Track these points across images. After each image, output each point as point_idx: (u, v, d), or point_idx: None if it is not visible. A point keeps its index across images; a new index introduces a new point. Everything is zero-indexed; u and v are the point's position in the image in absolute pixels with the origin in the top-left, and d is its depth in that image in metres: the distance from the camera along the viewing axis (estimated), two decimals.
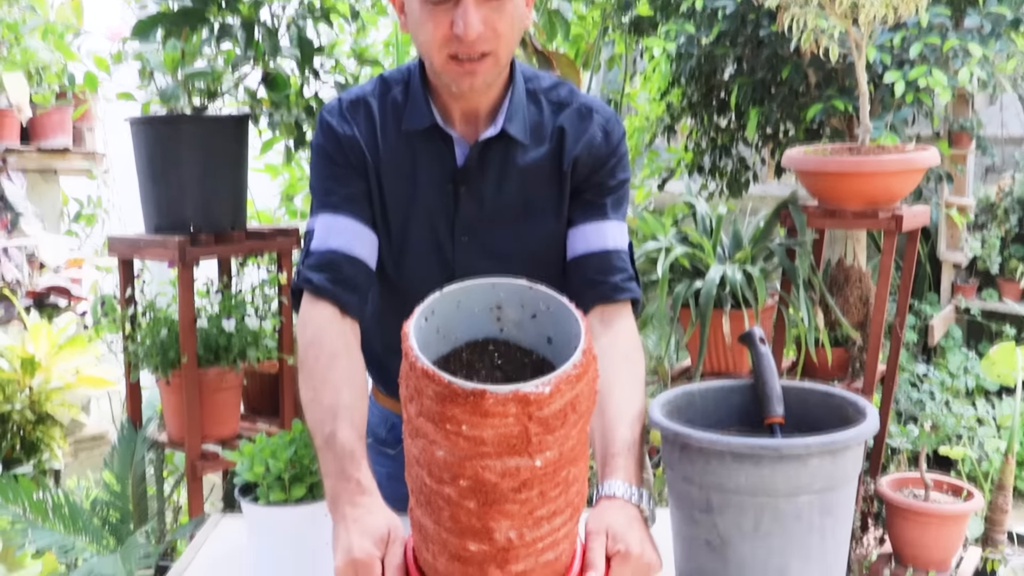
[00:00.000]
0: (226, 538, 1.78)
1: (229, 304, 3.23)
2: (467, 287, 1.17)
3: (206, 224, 3.13)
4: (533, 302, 1.18)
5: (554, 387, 1.03)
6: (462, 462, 1.04)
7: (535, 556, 1.12)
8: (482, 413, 1.01)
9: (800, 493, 1.33)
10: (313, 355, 1.49)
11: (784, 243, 3.30)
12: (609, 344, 1.59)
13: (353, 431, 1.39)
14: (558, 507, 1.11)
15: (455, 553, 1.11)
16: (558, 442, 1.06)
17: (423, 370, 1.03)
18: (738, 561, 1.36)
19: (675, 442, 1.40)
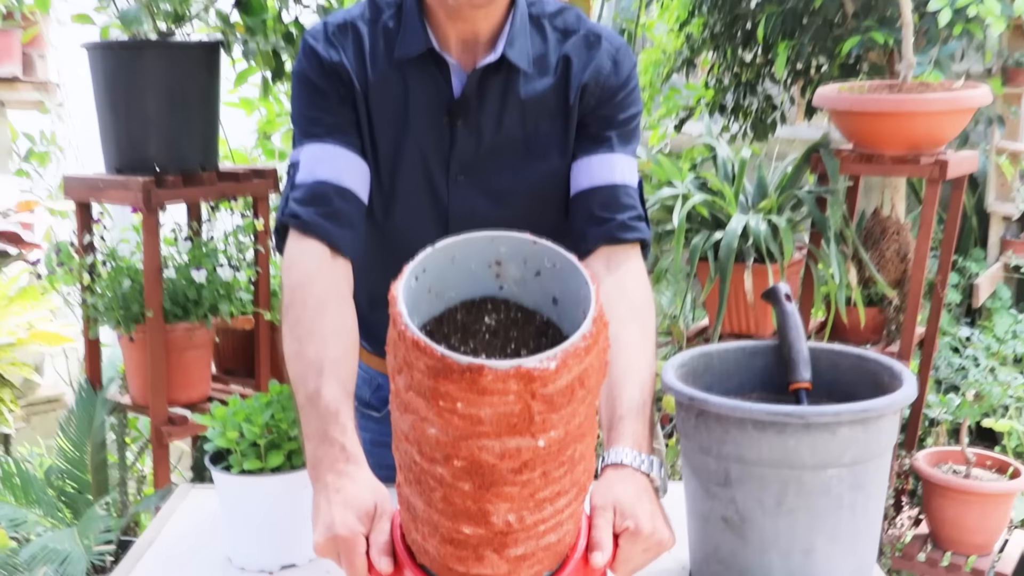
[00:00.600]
0: (195, 511, 1.80)
1: (199, 253, 3.23)
2: (463, 240, 1.16)
3: (173, 164, 3.12)
4: (537, 258, 1.16)
5: (560, 362, 1.02)
6: (456, 442, 1.04)
7: (536, 539, 1.12)
8: (479, 390, 1.00)
9: (828, 466, 1.34)
10: (299, 300, 1.48)
11: (814, 191, 3.30)
12: (615, 289, 1.58)
13: (340, 389, 1.38)
14: (562, 488, 1.11)
15: (448, 536, 1.11)
16: (564, 420, 1.05)
17: (413, 340, 1.03)
18: (759, 540, 1.38)
19: (690, 408, 1.41)
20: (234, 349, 3.69)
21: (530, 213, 1.69)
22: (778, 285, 1.59)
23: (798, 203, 3.40)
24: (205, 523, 1.73)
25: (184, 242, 3.25)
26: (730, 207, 3.32)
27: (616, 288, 1.58)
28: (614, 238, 1.64)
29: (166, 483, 3.22)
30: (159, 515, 1.78)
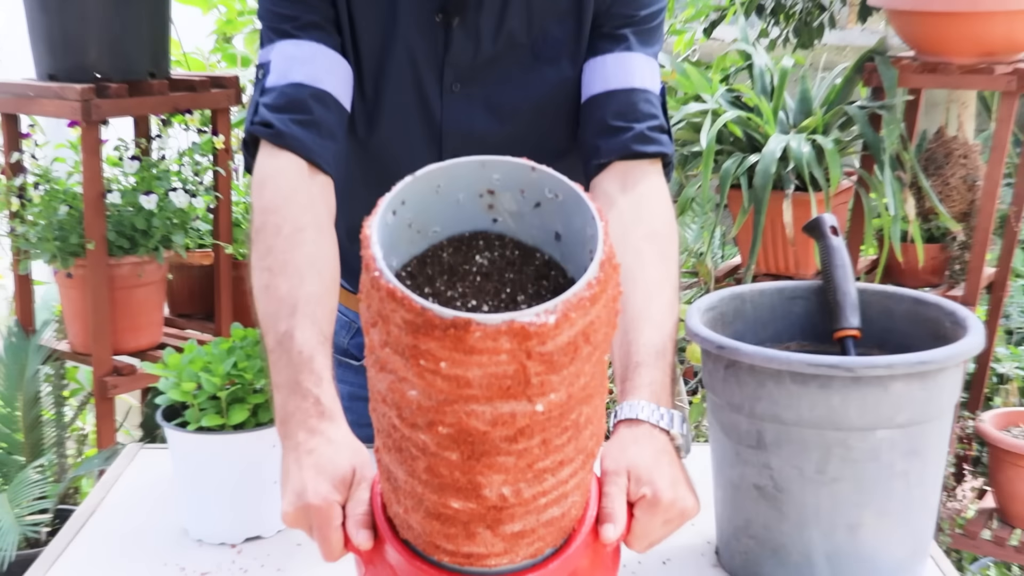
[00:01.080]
0: (145, 475, 1.81)
1: (148, 175, 3.23)
2: (449, 167, 1.13)
3: (117, 70, 3.11)
4: (536, 188, 1.14)
5: (561, 315, 1.00)
6: (441, 406, 1.03)
7: (536, 514, 1.12)
8: (466, 349, 0.99)
9: (878, 427, 1.35)
10: (271, 225, 1.47)
11: (867, 107, 3.29)
12: (630, 212, 1.57)
13: (316, 332, 1.37)
14: (566, 456, 1.10)
15: (433, 511, 1.11)
16: (566, 381, 1.04)
17: (389, 289, 1.01)
18: (797, 512, 1.39)
19: (719, 359, 1.42)
20: (190, 288, 3.70)
21: (536, 131, 1.69)
22: (823, 216, 1.59)
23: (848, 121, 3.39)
24: (157, 489, 1.75)
25: (130, 162, 3.24)
26: (768, 126, 3.31)
27: (632, 211, 1.57)
28: (631, 151, 1.63)
29: (111, 443, 3.25)
30: (103, 480, 1.79)
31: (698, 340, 1.43)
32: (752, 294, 1.59)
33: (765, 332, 1.59)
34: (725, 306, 1.57)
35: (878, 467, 1.37)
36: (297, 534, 1.59)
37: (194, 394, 1.54)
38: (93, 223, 3.05)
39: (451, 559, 1.14)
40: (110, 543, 1.60)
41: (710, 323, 1.51)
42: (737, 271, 3.61)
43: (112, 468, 1.83)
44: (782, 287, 1.61)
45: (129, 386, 3.25)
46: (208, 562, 1.53)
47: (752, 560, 1.45)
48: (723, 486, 1.48)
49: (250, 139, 1.60)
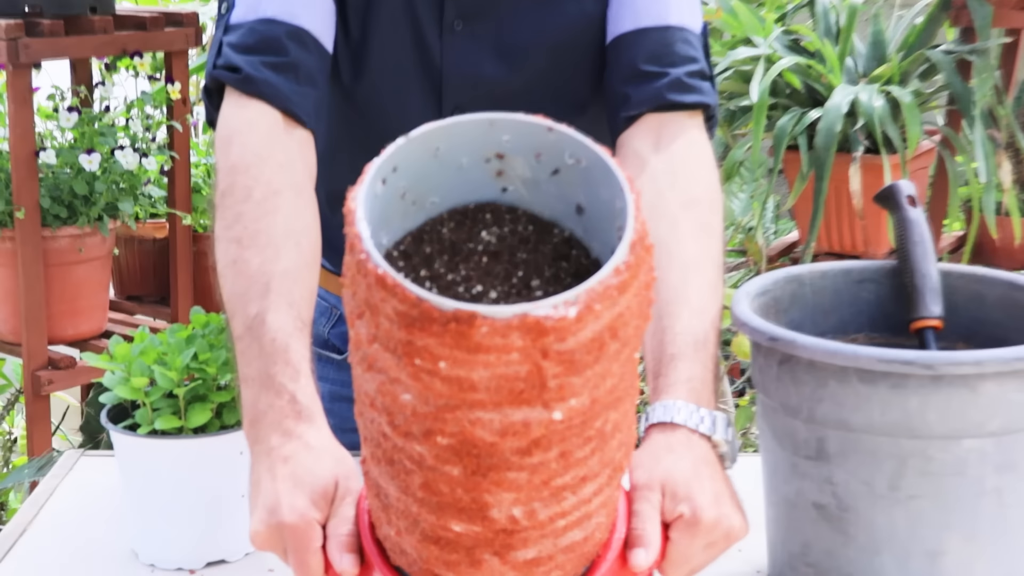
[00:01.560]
0: (87, 487, 1.82)
1: (90, 130, 3.23)
2: (449, 126, 1.12)
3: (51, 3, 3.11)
4: (555, 151, 1.13)
5: (584, 307, 0.99)
6: (440, 413, 1.02)
7: (553, 538, 1.12)
8: (470, 347, 0.98)
9: (965, 436, 1.35)
10: (241, 188, 1.46)
11: (954, 52, 3.28)
12: (665, 175, 1.56)
13: (293, 316, 1.36)
14: (589, 471, 1.10)
15: (431, 534, 1.11)
16: (589, 384, 1.04)
17: (378, 276, 1.00)
18: (866, 536, 1.40)
19: (772, 353, 1.42)
20: (141, 266, 3.71)
21: (553, 78, 1.69)
22: (899, 183, 1.59)
23: (930, 69, 3.38)
24: (100, 504, 1.75)
25: (68, 114, 3.25)
26: (832, 75, 3.30)
27: (667, 173, 1.56)
28: (665, 101, 1.62)
29: (45, 449, 3.26)
30: (36, 493, 1.80)
31: (747, 330, 1.43)
32: (812, 276, 1.60)
33: (827, 322, 1.59)
34: (779, 290, 1.57)
35: (964, 483, 1.37)
36: (268, 558, 1.59)
37: (146, 391, 1.54)
38: (23, 187, 3.06)
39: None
40: (44, 568, 1.61)
41: (761, 310, 1.52)
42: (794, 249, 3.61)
43: (47, 479, 1.84)
44: (848, 268, 1.61)
45: (67, 382, 3.26)
46: None
47: None
48: (776, 504, 1.49)
49: (213, 86, 1.60)
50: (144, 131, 3.36)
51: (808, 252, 3.24)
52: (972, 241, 3.32)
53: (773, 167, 3.32)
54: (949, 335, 1.55)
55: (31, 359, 3.17)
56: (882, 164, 3.17)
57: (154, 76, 3.46)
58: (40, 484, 1.83)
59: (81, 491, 1.80)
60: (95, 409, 3.54)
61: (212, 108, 1.60)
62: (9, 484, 3.38)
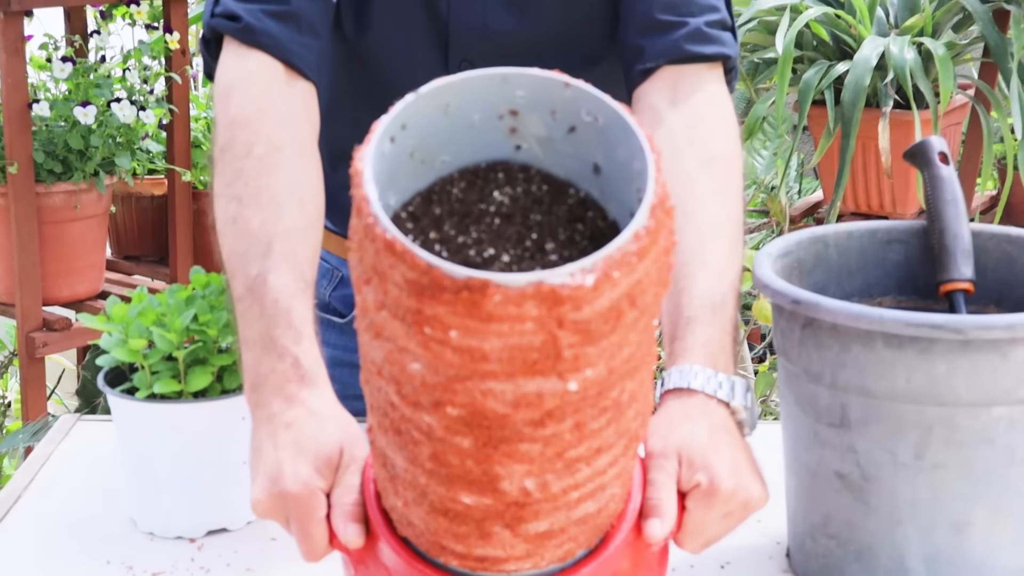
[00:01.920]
0: (83, 453, 1.83)
1: (85, 82, 3.23)
2: (461, 82, 1.11)
3: None
4: (571, 108, 1.13)
5: (601, 274, 0.99)
6: (450, 383, 1.02)
7: (566, 510, 1.12)
8: (482, 316, 0.98)
9: (994, 403, 1.35)
10: (241, 143, 1.46)
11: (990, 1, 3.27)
12: (683, 131, 1.55)
13: (295, 276, 1.36)
14: (604, 442, 1.10)
15: (439, 506, 1.12)
16: (606, 354, 1.04)
17: (387, 241, 1.00)
18: (889, 507, 1.40)
19: (794, 317, 1.42)
20: (138, 224, 3.71)
21: (563, 30, 1.69)
22: (929, 140, 1.59)
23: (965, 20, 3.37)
24: (98, 471, 1.77)
25: (62, 64, 3.25)
26: (862, 26, 3.29)
27: (685, 129, 1.56)
28: (683, 53, 1.62)
29: (40, 414, 3.27)
30: (30, 459, 1.81)
31: (768, 293, 1.44)
32: (837, 237, 1.60)
33: (852, 284, 1.59)
34: (803, 251, 1.57)
35: (992, 452, 1.37)
36: (271, 527, 1.60)
37: (144, 354, 1.55)
38: (16, 141, 3.06)
39: (461, 562, 1.15)
40: (39, 536, 1.62)
41: (784, 272, 1.52)
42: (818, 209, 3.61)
43: (42, 445, 1.85)
44: (875, 228, 1.61)
45: (63, 344, 3.27)
46: (162, 560, 1.55)
47: (831, 564, 1.46)
48: (797, 473, 1.49)
49: (211, 36, 1.59)
50: (142, 83, 3.36)
51: (833, 212, 3.24)
52: (1005, 200, 3.31)
53: (798, 123, 3.32)
54: (979, 298, 1.55)
55: (25, 320, 3.18)
56: (912, 120, 3.16)
57: (152, 25, 3.46)
58: (35, 450, 1.84)
59: (77, 457, 1.81)
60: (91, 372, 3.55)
61: (210, 59, 1.60)
62: (3, 450, 3.39)
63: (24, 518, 1.65)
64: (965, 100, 3.39)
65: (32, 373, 3.24)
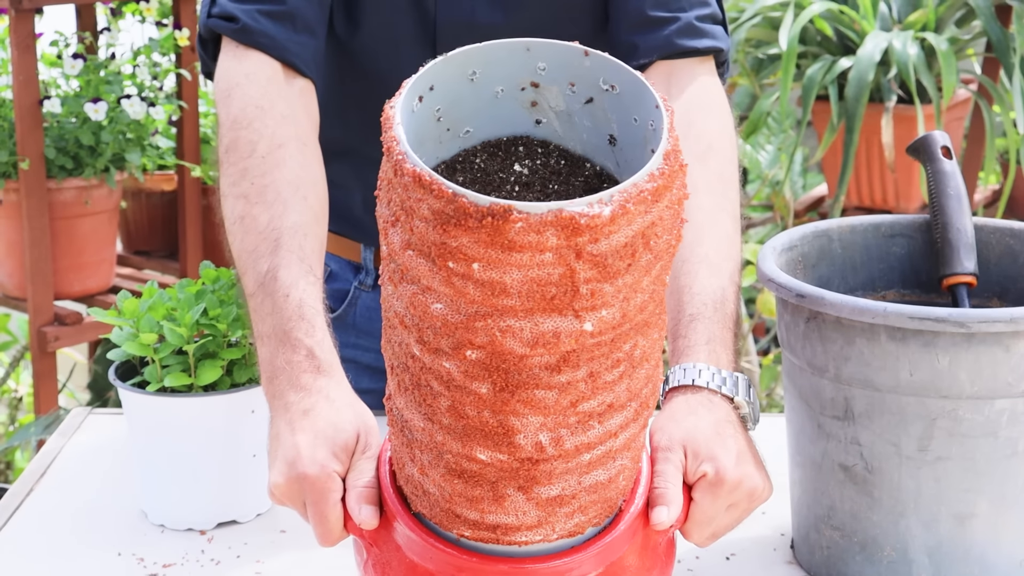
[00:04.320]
0: (94, 446, 1.83)
1: (96, 79, 3.23)
2: (487, 49, 1.16)
3: None
4: (589, 79, 1.17)
5: (618, 207, 1.03)
6: (470, 322, 1.06)
7: (578, 475, 1.15)
8: (504, 244, 1.02)
9: (996, 396, 1.35)
10: (245, 143, 1.48)
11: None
12: (678, 125, 1.56)
13: (304, 270, 1.38)
14: (616, 399, 1.13)
15: (455, 466, 1.14)
16: (621, 295, 1.07)
17: (415, 175, 1.04)
18: (892, 499, 1.40)
19: (799, 311, 1.42)
20: (149, 219, 3.71)
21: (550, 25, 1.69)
22: (932, 135, 1.59)
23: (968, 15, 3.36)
24: (109, 463, 1.77)
25: (73, 61, 3.25)
26: (865, 21, 3.29)
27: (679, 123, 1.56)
28: (676, 48, 1.63)
29: (52, 407, 3.27)
30: (42, 452, 1.81)
31: (773, 287, 1.44)
32: (841, 231, 1.60)
33: (856, 278, 1.60)
34: (807, 245, 1.57)
35: (995, 444, 1.37)
36: (280, 519, 1.61)
37: (155, 348, 1.55)
38: (27, 137, 3.06)
39: (473, 532, 1.17)
40: (51, 528, 1.62)
41: (788, 266, 1.52)
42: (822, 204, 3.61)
43: (54, 438, 1.85)
44: (878, 222, 1.61)
45: (74, 338, 3.28)
46: (172, 552, 1.55)
47: (835, 556, 1.46)
48: (802, 466, 1.50)
49: (208, 36, 1.61)
50: (152, 79, 3.36)
51: (837, 206, 3.24)
52: (1007, 194, 3.31)
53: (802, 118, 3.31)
54: (982, 292, 1.55)
55: (37, 315, 3.18)
56: (915, 115, 3.16)
57: (161, 22, 3.46)
58: (47, 443, 1.84)
59: (89, 450, 1.82)
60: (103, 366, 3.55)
61: (208, 59, 1.61)
62: (16, 443, 3.40)
63: (36, 510, 1.66)
64: (968, 95, 3.38)
65: (44, 367, 3.24)
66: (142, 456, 1.61)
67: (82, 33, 3.45)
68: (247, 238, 1.42)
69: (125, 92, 3.23)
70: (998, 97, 3.27)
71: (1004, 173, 3.35)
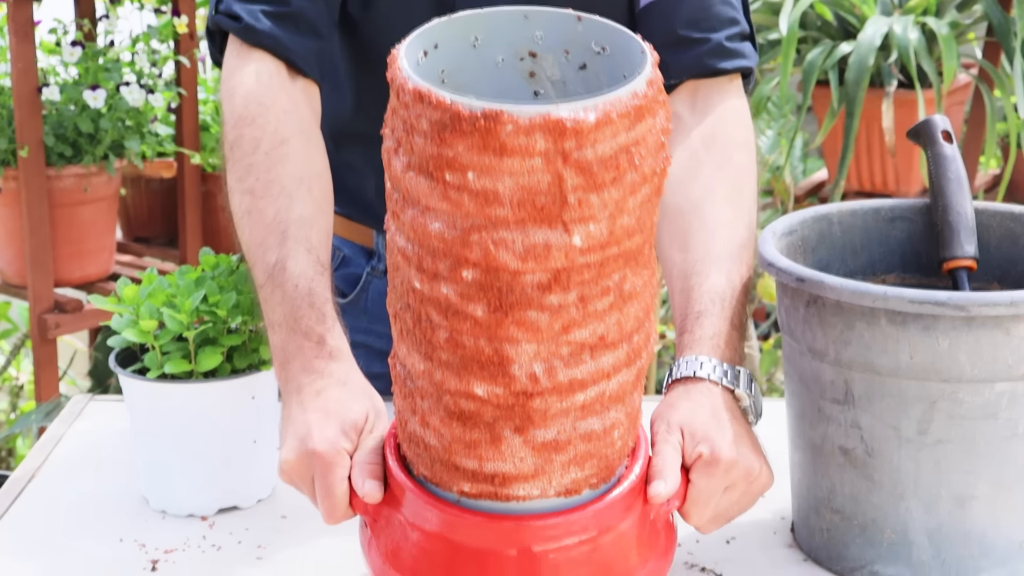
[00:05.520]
0: (95, 433, 1.84)
1: (94, 66, 3.23)
2: (487, 15, 1.22)
3: None
4: (582, 44, 1.23)
5: (602, 114, 1.09)
6: (466, 236, 1.11)
7: (572, 418, 1.19)
8: (497, 148, 1.08)
9: (996, 379, 1.36)
10: (249, 140, 1.51)
11: None
12: (702, 140, 1.59)
13: (312, 260, 1.42)
14: (607, 332, 1.18)
15: (454, 407, 1.19)
16: (607, 210, 1.12)
17: (416, 91, 1.11)
18: (892, 481, 1.41)
19: (798, 294, 1.43)
20: (148, 206, 3.72)
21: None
22: (933, 119, 1.59)
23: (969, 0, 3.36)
24: (110, 450, 1.77)
25: (71, 49, 3.25)
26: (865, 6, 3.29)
27: (704, 137, 1.60)
28: (706, 69, 1.64)
29: (53, 395, 3.28)
30: (43, 439, 1.82)
31: (772, 271, 1.44)
32: (841, 215, 1.60)
33: (856, 262, 1.60)
34: (807, 229, 1.57)
35: (995, 427, 1.37)
36: (281, 504, 1.61)
37: (155, 334, 1.56)
38: (26, 124, 3.07)
39: (472, 486, 1.22)
40: (53, 515, 1.63)
41: (788, 250, 1.52)
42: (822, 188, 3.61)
43: (54, 425, 1.86)
44: (878, 206, 1.62)
45: (75, 325, 3.28)
46: (173, 538, 1.56)
47: (836, 538, 1.47)
48: (802, 449, 1.50)
49: (216, 30, 1.62)
50: (150, 66, 3.36)
51: (837, 191, 3.24)
52: (1008, 178, 3.31)
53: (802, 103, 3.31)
54: (982, 275, 1.56)
55: (37, 302, 3.19)
56: (916, 99, 3.16)
57: (160, 9, 3.46)
58: (48, 430, 1.85)
59: (90, 437, 1.82)
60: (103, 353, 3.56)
61: (216, 49, 1.64)
62: (17, 430, 3.41)
63: (38, 497, 1.66)
64: (968, 79, 3.38)
65: (44, 354, 3.25)
66: (143, 442, 1.61)
67: (80, 20, 3.45)
68: (255, 231, 1.45)
69: (124, 79, 3.23)
70: (999, 81, 3.27)
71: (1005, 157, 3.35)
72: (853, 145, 3.20)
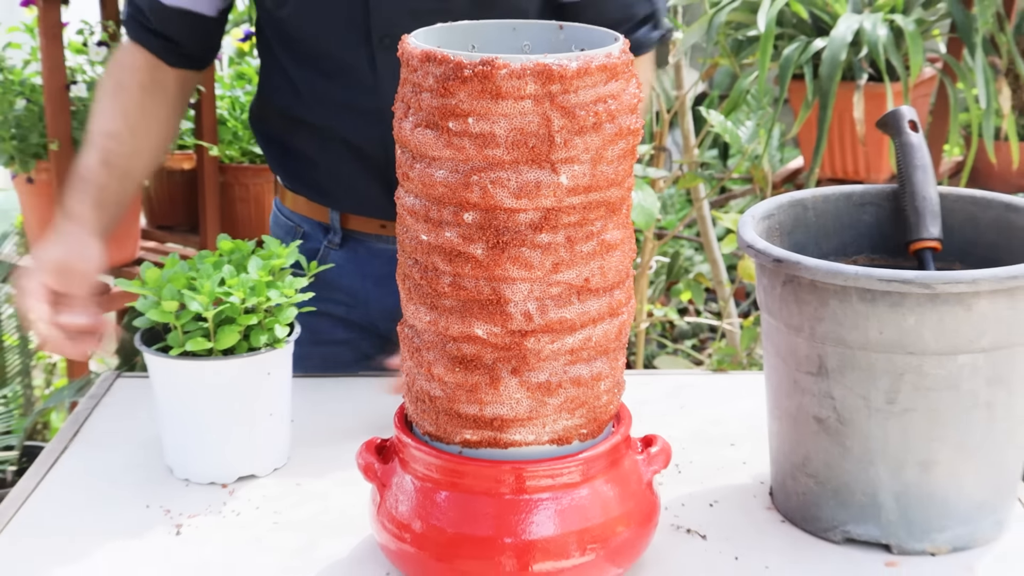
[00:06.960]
0: (123, 407, 1.84)
1: None
2: (483, 26, 1.34)
3: None
4: (564, 48, 1.33)
5: (582, 64, 1.20)
6: (467, 179, 1.22)
7: (562, 360, 1.27)
8: (493, 92, 1.19)
9: (958, 352, 1.37)
10: (100, 89, 1.91)
11: None
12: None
13: (99, 159, 1.84)
14: (591, 276, 1.26)
15: (457, 353, 1.27)
16: (590, 153, 1.22)
17: (423, 53, 1.23)
18: (862, 447, 1.42)
19: (776, 275, 1.43)
20: (170, 195, 3.71)
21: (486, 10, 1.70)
22: (900, 110, 1.60)
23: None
24: (136, 423, 1.78)
25: (98, 48, 3.25)
26: (838, 4, 3.29)
27: None
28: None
29: (83, 372, 3.29)
30: (75, 413, 1.83)
31: (752, 253, 1.45)
32: (815, 200, 1.61)
33: (829, 244, 1.61)
34: (783, 214, 1.58)
35: (957, 397, 1.39)
36: (295, 472, 1.63)
37: (177, 315, 1.56)
38: (56, 120, 3.07)
39: (473, 433, 1.30)
40: (85, 483, 1.63)
41: (766, 233, 1.53)
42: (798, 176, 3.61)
43: (85, 399, 1.87)
44: (850, 192, 1.62)
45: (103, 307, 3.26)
46: (196, 504, 1.57)
47: (811, 501, 1.48)
48: (779, 419, 1.51)
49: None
50: None
51: (812, 178, 3.24)
52: (970, 165, 3.31)
53: (779, 96, 3.31)
54: (946, 256, 1.56)
55: None
56: (885, 92, 3.15)
57: None
58: (79, 404, 1.85)
59: (118, 410, 1.83)
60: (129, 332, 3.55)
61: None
62: (51, 404, 3.41)
63: (71, 467, 1.67)
64: (933, 73, 3.38)
65: None
66: (167, 416, 1.62)
67: (106, 22, 3.44)
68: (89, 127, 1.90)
69: None
70: (961, 75, 3.27)
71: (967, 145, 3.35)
72: (827, 135, 3.20)
